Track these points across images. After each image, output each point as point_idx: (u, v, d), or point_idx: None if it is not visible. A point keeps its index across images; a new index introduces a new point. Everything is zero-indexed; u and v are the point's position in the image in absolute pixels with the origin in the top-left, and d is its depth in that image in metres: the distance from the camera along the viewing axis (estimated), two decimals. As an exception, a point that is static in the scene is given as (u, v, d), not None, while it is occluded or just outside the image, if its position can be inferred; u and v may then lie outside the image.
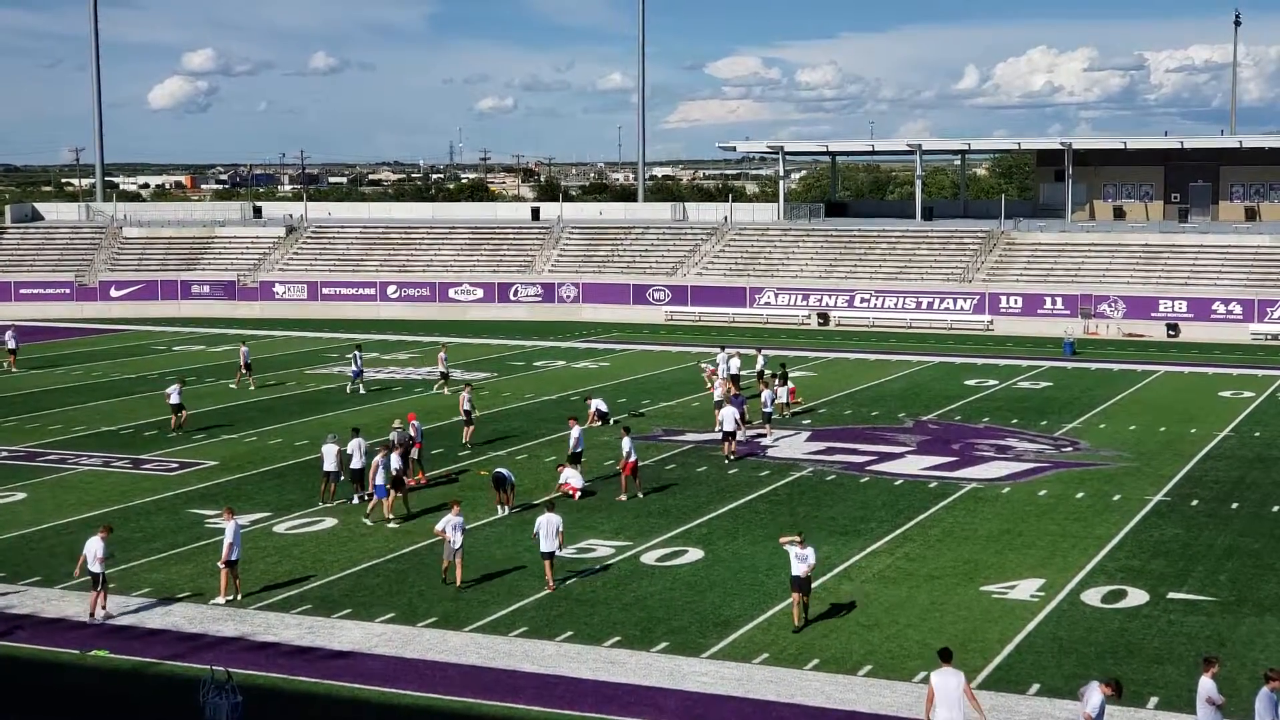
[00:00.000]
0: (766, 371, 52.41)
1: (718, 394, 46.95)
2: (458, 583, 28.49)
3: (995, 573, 29.71)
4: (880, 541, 32.27)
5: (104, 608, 26.95)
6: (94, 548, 26.99)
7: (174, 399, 46.47)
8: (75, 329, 78.42)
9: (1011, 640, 25.36)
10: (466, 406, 44.30)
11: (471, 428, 44.13)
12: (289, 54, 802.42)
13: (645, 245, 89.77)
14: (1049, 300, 76.30)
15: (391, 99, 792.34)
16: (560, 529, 28.89)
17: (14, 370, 61.73)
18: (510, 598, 28.00)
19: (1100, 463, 41.14)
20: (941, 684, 19.80)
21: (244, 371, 56.87)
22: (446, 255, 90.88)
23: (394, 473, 34.43)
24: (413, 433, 38.87)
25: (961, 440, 44.65)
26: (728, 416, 42.08)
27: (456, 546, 28.56)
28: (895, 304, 79.11)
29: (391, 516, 34.13)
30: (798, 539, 26.33)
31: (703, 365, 56.34)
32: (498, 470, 35.61)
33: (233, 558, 27.83)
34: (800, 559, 25.88)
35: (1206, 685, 19.52)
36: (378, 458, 34.46)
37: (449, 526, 28.64)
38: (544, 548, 28.65)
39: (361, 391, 54.48)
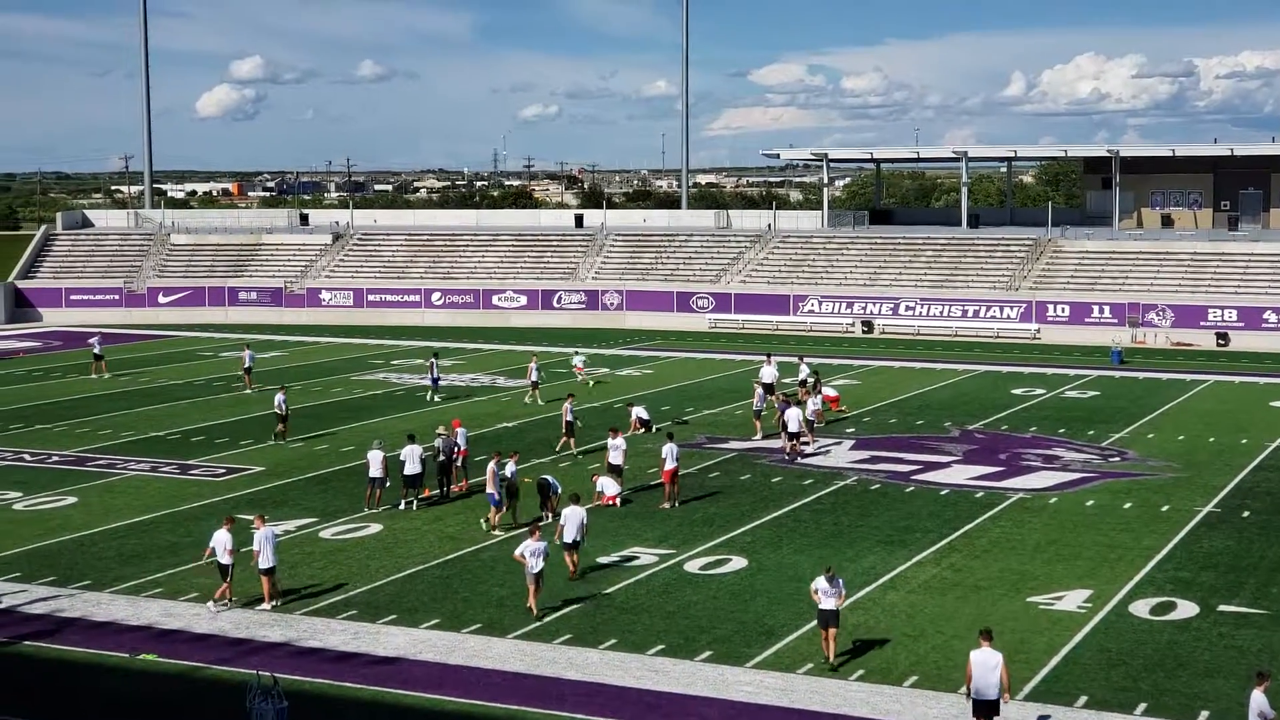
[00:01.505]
0: (809, 380, 52.17)
1: (757, 403, 46.81)
2: (533, 609, 27.23)
3: (1042, 583, 29.52)
4: (926, 551, 32.12)
5: (230, 599, 27.78)
6: (223, 540, 27.82)
7: (280, 408, 45.74)
8: (124, 335, 79.02)
9: (1059, 651, 25.19)
10: (569, 418, 43.84)
11: (571, 438, 43.59)
12: (336, 62, 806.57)
13: (689, 253, 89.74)
14: (1096, 309, 75.78)
15: (437, 107, 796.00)
16: (585, 521, 30.01)
17: (105, 374, 61.51)
18: (553, 604, 27.99)
19: (1149, 473, 40.83)
20: (981, 660, 20.91)
21: (247, 375, 58.21)
22: (490, 262, 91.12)
23: (507, 481, 34.15)
24: (460, 440, 38.89)
25: (1008, 450, 44.40)
26: (792, 417, 42.62)
27: (535, 571, 27.28)
28: (941, 312, 78.78)
29: (496, 523, 33.91)
30: (826, 574, 24.80)
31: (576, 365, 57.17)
32: (543, 477, 35.61)
33: (265, 565, 27.96)
34: (828, 593, 24.39)
35: (1258, 700, 19.35)
36: (491, 464, 34.23)
37: (528, 552, 27.38)
38: (568, 538, 29.75)
39: (437, 401, 54.04)
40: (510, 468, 34.45)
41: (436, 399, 54.36)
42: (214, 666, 24.58)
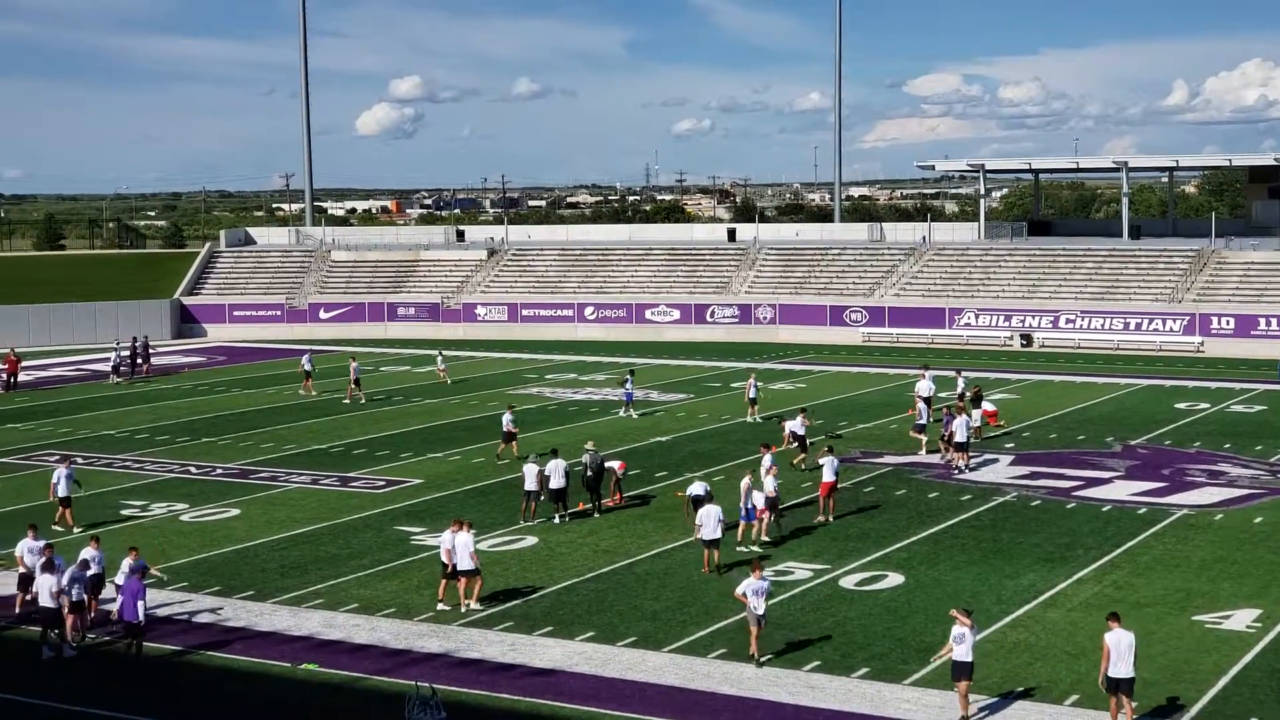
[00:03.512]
0: (968, 394, 51.40)
1: (920, 418, 46.29)
2: (754, 653, 25.46)
3: (1208, 602, 28.77)
4: (1087, 569, 31.49)
5: (479, 600, 28.74)
6: (465, 542, 28.57)
7: (508, 426, 45.43)
8: (286, 350, 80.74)
9: (1227, 672, 24.52)
10: (800, 431, 43.72)
11: (805, 455, 43.30)
12: (492, 80, 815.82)
13: (842, 266, 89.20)
14: (1263, 321, 73.76)
15: (590, 123, 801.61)
16: (721, 518, 31.06)
17: (312, 393, 61.30)
18: (708, 619, 27.97)
19: (1320, 490, 39.60)
20: (1115, 641, 21.98)
21: (354, 386, 59.07)
22: (643, 276, 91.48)
23: (770, 494, 34.12)
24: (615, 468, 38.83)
25: (1172, 465, 43.38)
26: (960, 427, 42.30)
27: (760, 613, 25.25)
28: (1101, 325, 77.28)
29: (766, 538, 33.82)
30: (964, 615, 23.11)
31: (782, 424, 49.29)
32: (694, 493, 35.36)
33: (464, 567, 28.62)
34: (960, 639, 22.70)
35: None
36: (745, 480, 34.11)
37: (750, 591, 25.30)
38: (706, 536, 30.90)
39: (634, 416, 53.76)
40: (771, 484, 34.40)
41: (633, 414, 53.96)
42: (374, 677, 24.94)
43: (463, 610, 28.64)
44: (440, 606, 28.95)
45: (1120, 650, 21.97)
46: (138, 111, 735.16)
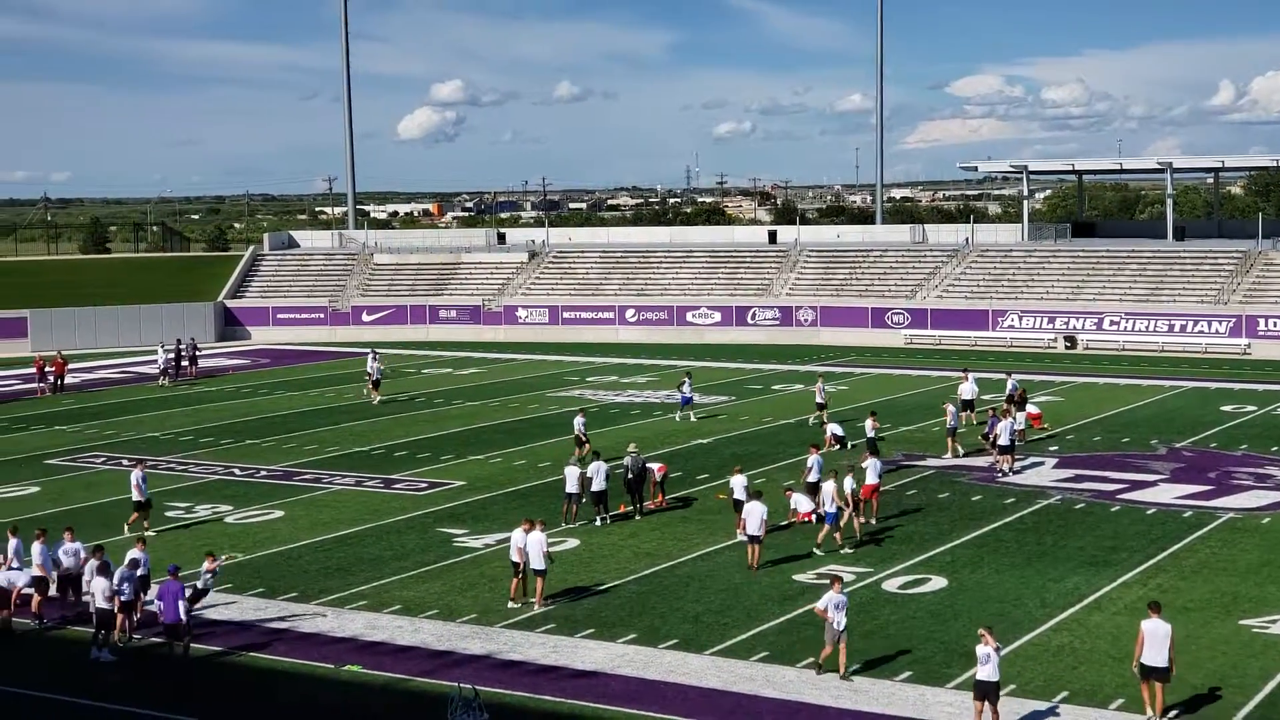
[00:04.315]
0: (1014, 396, 50.97)
1: (950, 421, 45.98)
2: (841, 670, 24.80)
3: (1255, 606, 28.54)
4: (1132, 572, 31.29)
5: (546, 600, 29.06)
6: (538, 541, 28.82)
7: (580, 430, 45.37)
8: (329, 352, 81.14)
9: (1274, 677, 24.30)
10: (870, 434, 43.24)
11: (874, 456, 43.01)
12: (534, 84, 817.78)
13: (883, 268, 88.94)
14: (1311, 322, 73.13)
15: (631, 125, 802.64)
16: (765, 517, 31.77)
17: (376, 398, 60.36)
18: (750, 621, 27.94)
19: (1368, 493, 39.21)
20: (1152, 630, 22.36)
21: (372, 386, 59.64)
22: (684, 279, 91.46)
23: (850, 494, 34.03)
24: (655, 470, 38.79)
25: (1218, 468, 43.05)
26: (1004, 429, 42.14)
27: (840, 629, 24.64)
28: (1146, 327, 76.77)
29: (846, 538, 33.75)
30: (990, 634, 22.48)
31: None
32: (737, 496, 35.32)
33: (537, 567, 28.93)
34: (985, 659, 22.08)
35: None
36: (829, 484, 33.99)
37: (832, 606, 24.78)
38: (751, 531, 31.70)
39: (692, 419, 53.31)
40: (849, 483, 34.45)
41: (692, 418, 53.57)
42: (417, 678, 25.02)
43: (535, 608, 28.89)
44: (510, 605, 29.16)
45: (1156, 638, 22.29)
46: (182, 116, 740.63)
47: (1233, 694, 23.29)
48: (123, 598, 27.02)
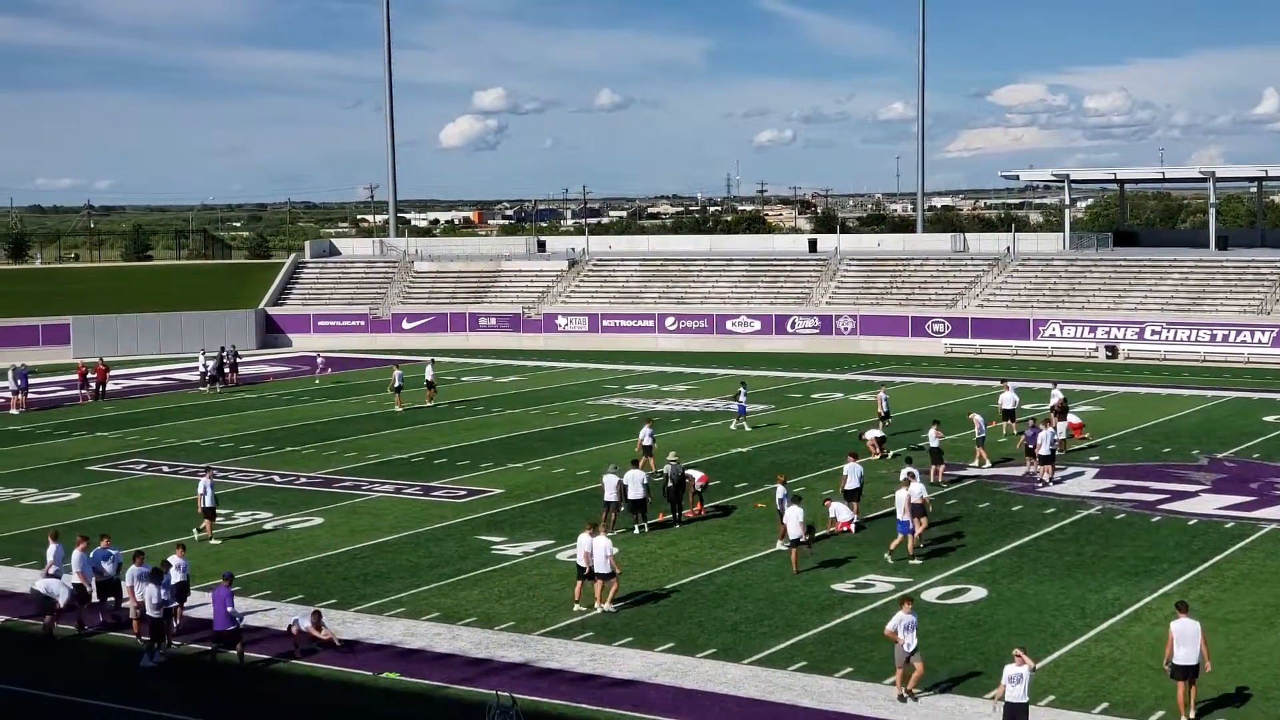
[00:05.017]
0: (1056, 405, 50.61)
1: (979, 432, 45.68)
2: (909, 687, 24.26)
3: (1299, 619, 28.29)
4: (1173, 583, 31.07)
5: (613, 604, 29.27)
6: (603, 545, 29.22)
7: (646, 441, 45.05)
8: (369, 359, 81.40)
9: (1317, 691, 24.10)
10: (935, 444, 42.55)
11: (941, 466, 42.59)
12: (575, 92, 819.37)
13: (924, 277, 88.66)
14: (1355, 332, 72.48)
15: (671, 133, 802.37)
16: (802, 520, 32.25)
17: (431, 401, 61.33)
18: (789, 630, 27.89)
19: None
20: (1181, 629, 22.88)
21: (396, 394, 59.95)
22: (724, 287, 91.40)
23: (918, 501, 33.77)
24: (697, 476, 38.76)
25: (1260, 479, 42.71)
26: (1045, 439, 41.91)
27: (910, 650, 24.09)
28: (1188, 336, 76.26)
29: (913, 553, 33.50)
30: (1024, 654, 22.23)
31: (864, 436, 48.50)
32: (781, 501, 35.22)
33: (601, 570, 29.16)
34: (1016, 679, 21.73)
35: None
36: (900, 491, 33.69)
37: (901, 626, 24.15)
38: (792, 536, 32.28)
39: (747, 429, 52.98)
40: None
41: (746, 427, 53.31)
42: (454, 686, 25.06)
43: (598, 611, 29.13)
44: (576, 608, 29.33)
45: (1185, 637, 22.77)
46: (224, 123, 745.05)
47: (1275, 707, 23.10)
48: (168, 605, 27.22)
